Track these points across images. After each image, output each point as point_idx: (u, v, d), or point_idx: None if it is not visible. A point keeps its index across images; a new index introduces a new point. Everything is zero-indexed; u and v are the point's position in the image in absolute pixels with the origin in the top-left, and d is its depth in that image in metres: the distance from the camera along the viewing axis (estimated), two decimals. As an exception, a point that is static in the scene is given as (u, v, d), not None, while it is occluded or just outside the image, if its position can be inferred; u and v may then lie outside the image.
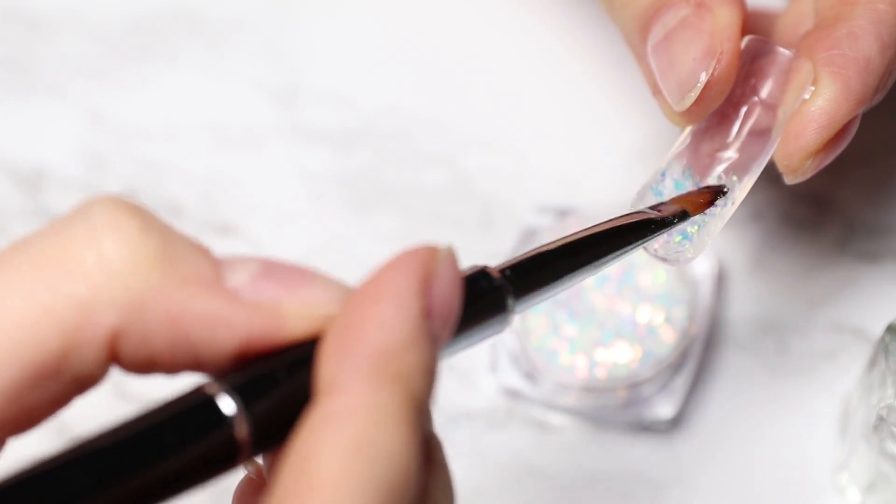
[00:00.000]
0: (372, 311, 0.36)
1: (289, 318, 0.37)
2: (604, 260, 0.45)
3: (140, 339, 0.36)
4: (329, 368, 0.36)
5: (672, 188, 0.51)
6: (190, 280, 0.36)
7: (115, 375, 0.37)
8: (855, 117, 0.51)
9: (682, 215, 0.49)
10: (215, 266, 0.37)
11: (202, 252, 0.38)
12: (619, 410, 0.60)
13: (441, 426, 0.60)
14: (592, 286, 0.61)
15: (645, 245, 0.50)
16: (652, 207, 0.49)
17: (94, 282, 0.36)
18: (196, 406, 0.36)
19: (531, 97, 0.67)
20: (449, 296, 0.38)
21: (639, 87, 0.66)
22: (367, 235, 0.64)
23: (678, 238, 0.50)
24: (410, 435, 0.35)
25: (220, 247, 0.65)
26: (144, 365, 0.37)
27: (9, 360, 0.35)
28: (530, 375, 0.60)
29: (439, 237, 0.64)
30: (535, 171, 0.66)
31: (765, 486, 0.59)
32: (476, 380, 0.62)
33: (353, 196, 0.65)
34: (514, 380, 0.60)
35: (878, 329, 0.57)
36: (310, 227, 0.65)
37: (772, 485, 0.59)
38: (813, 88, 0.50)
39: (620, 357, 0.60)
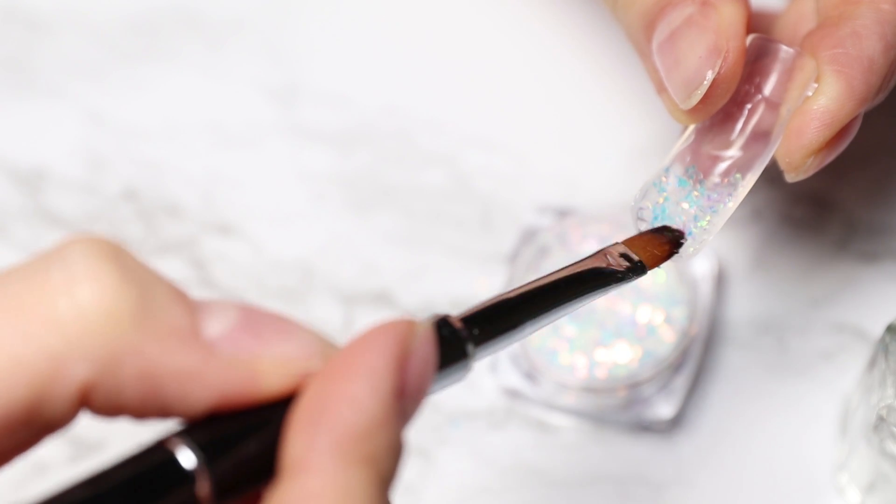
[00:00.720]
0: (344, 388, 0.36)
1: (264, 374, 0.36)
2: (562, 308, 0.45)
3: (111, 391, 0.35)
4: (298, 443, 0.36)
5: (675, 185, 0.51)
6: (166, 334, 0.36)
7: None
8: (857, 116, 0.51)
9: (640, 269, 0.48)
10: (193, 315, 0.36)
11: (180, 300, 0.36)
12: (619, 410, 0.60)
13: (441, 426, 0.61)
14: (592, 286, 0.61)
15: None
16: (606, 250, 0.48)
17: (68, 333, 0.35)
18: (158, 462, 0.35)
19: (531, 97, 0.67)
20: (422, 374, 0.37)
21: (639, 86, 0.66)
22: (367, 235, 0.64)
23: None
24: None
25: (221, 247, 0.66)
26: (114, 412, 0.36)
27: None
28: (530, 375, 0.60)
29: (439, 237, 0.64)
30: (535, 171, 0.66)
31: (765, 486, 0.59)
32: (476, 380, 0.62)
33: (353, 196, 0.65)
34: (514, 380, 0.60)
35: (878, 329, 0.57)
36: (310, 227, 0.65)
37: (772, 485, 0.59)
38: (816, 86, 0.50)
39: (620, 357, 0.60)
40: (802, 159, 0.51)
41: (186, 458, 0.35)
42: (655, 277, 0.61)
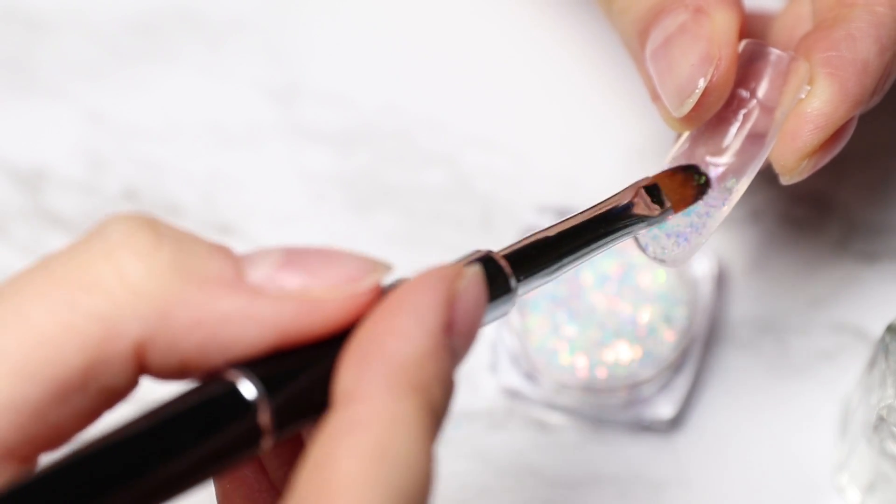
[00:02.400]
0: (393, 322, 0.37)
1: (317, 302, 0.37)
2: (596, 246, 0.47)
3: (168, 346, 0.36)
4: (349, 377, 0.36)
5: None
6: (209, 281, 0.37)
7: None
8: (852, 119, 0.51)
9: (667, 211, 0.50)
10: (235, 264, 0.38)
11: (220, 252, 0.38)
12: (619, 410, 0.60)
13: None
14: (593, 286, 0.61)
15: (642, 247, 0.50)
16: (641, 185, 0.50)
17: (115, 297, 0.36)
18: (220, 392, 0.36)
19: (531, 97, 0.67)
20: (471, 314, 0.38)
21: (638, 87, 0.66)
22: (367, 235, 0.64)
23: (673, 239, 0.51)
24: (427, 445, 0.36)
25: (220, 247, 0.65)
26: (177, 371, 0.37)
27: (31, 377, 0.35)
28: (530, 375, 0.60)
29: (439, 237, 0.64)
30: (535, 171, 0.66)
31: (765, 486, 0.59)
32: (476, 380, 0.62)
33: (353, 196, 0.65)
34: (515, 380, 0.60)
35: (878, 329, 0.57)
36: (310, 227, 0.65)
37: (772, 485, 0.59)
38: (808, 88, 0.50)
39: (620, 357, 0.60)
40: (797, 162, 0.51)
41: (247, 389, 0.36)
42: (655, 277, 0.61)
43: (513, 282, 0.42)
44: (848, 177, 0.64)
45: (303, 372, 0.37)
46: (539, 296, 0.61)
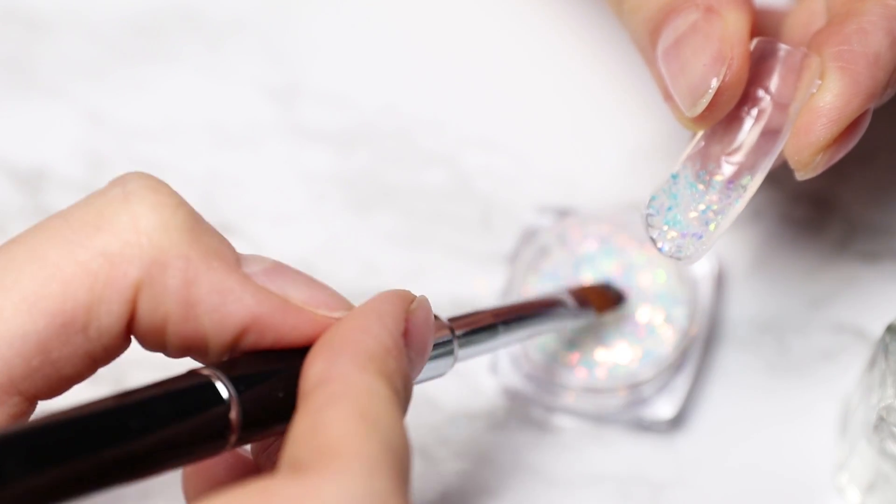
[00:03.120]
0: (359, 322, 0.40)
1: (294, 309, 0.40)
2: (527, 330, 0.54)
3: (156, 297, 0.39)
4: (319, 365, 0.39)
5: (686, 190, 0.51)
6: (212, 254, 0.39)
7: (116, 371, 0.38)
8: (866, 112, 0.51)
9: (590, 311, 0.58)
10: (235, 252, 0.40)
11: (225, 239, 0.41)
12: (619, 410, 0.60)
13: (441, 426, 0.61)
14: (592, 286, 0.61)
15: (658, 246, 0.51)
16: (569, 289, 0.58)
17: (124, 237, 0.38)
18: (197, 385, 0.38)
19: (531, 97, 0.67)
20: (423, 329, 0.42)
21: (639, 87, 0.66)
22: (367, 235, 0.64)
23: (688, 238, 0.51)
24: (399, 415, 0.39)
25: (220, 247, 0.65)
26: (156, 332, 0.39)
27: (40, 308, 0.38)
28: (530, 375, 0.60)
29: (439, 237, 0.64)
30: (535, 171, 0.66)
31: (765, 486, 0.59)
32: (476, 380, 0.61)
33: (353, 196, 0.65)
34: (515, 380, 0.60)
35: (878, 329, 0.57)
36: (310, 227, 0.65)
37: (772, 484, 0.59)
38: (820, 82, 0.50)
39: (620, 357, 0.60)
40: (811, 157, 0.51)
41: (222, 388, 0.38)
42: (655, 277, 0.61)
43: (454, 345, 0.46)
44: (848, 177, 0.64)
45: (270, 377, 0.39)
46: (539, 296, 0.61)
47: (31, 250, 0.39)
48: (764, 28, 0.55)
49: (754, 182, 0.51)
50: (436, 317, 0.45)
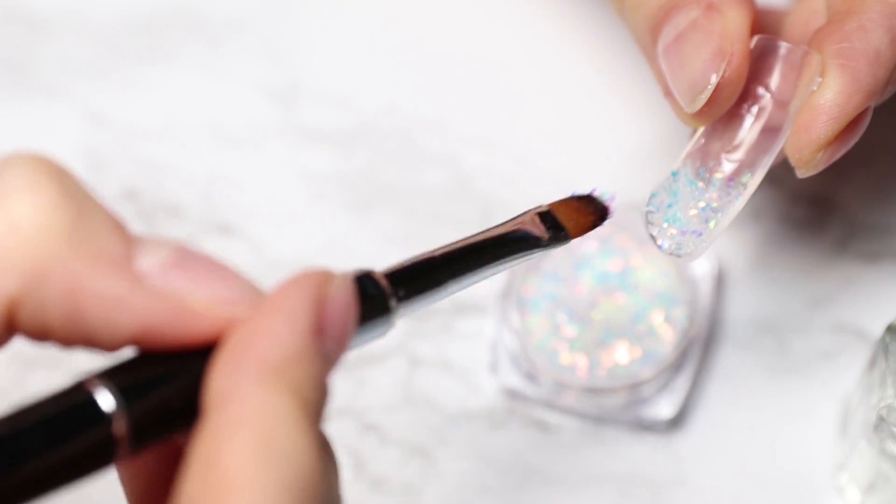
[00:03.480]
0: (264, 324, 0.37)
1: (191, 312, 0.37)
2: (484, 269, 0.46)
3: (36, 308, 0.36)
4: (222, 378, 0.36)
5: (686, 187, 0.51)
6: (97, 256, 0.36)
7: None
8: (866, 110, 0.51)
9: (564, 237, 0.49)
10: (127, 245, 0.37)
11: (116, 228, 0.37)
12: (619, 410, 0.60)
13: (441, 426, 0.61)
14: (593, 285, 0.61)
15: (658, 244, 0.50)
16: (536, 212, 0.49)
17: (0, 244, 0.36)
18: (75, 402, 0.36)
19: (531, 97, 0.67)
20: (341, 318, 0.38)
21: (639, 86, 0.66)
22: (367, 235, 0.64)
23: (688, 235, 0.51)
24: (308, 434, 0.35)
25: (220, 247, 0.65)
26: (41, 334, 0.37)
27: None
28: (530, 375, 0.60)
29: (439, 237, 0.64)
30: (535, 171, 0.66)
31: (765, 486, 0.59)
32: (476, 380, 0.62)
33: (353, 196, 0.65)
34: (515, 380, 0.60)
35: (878, 329, 0.57)
36: (310, 227, 0.65)
37: (772, 485, 0.59)
38: (820, 80, 0.50)
39: (620, 357, 0.60)
40: (812, 154, 0.51)
41: (105, 398, 0.36)
42: (655, 277, 0.61)
43: (392, 302, 0.41)
44: (848, 177, 0.64)
45: (166, 383, 0.37)
46: (539, 296, 0.61)
47: None
48: (765, 27, 0.55)
49: (754, 180, 0.51)
50: (368, 274, 0.41)
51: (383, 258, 0.64)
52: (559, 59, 0.68)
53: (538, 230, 0.48)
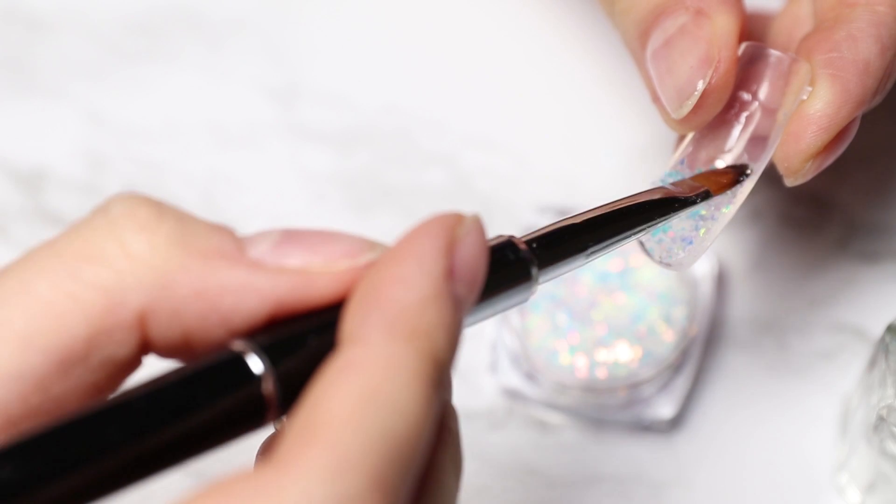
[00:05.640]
0: (394, 269, 0.37)
1: (315, 276, 0.38)
2: (626, 234, 0.46)
3: (170, 316, 0.37)
4: (351, 323, 0.37)
5: None
6: (210, 254, 0.38)
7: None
8: (855, 119, 0.51)
9: (705, 195, 0.50)
10: (236, 241, 0.39)
11: (222, 230, 0.39)
12: (619, 410, 0.60)
13: (441, 426, 0.60)
14: (593, 286, 0.61)
15: (647, 252, 0.50)
16: (674, 184, 0.50)
17: (117, 268, 0.37)
18: (226, 363, 0.37)
19: (531, 97, 0.67)
20: (473, 259, 0.39)
21: (639, 87, 0.66)
22: (367, 235, 0.64)
23: (678, 243, 0.51)
24: (424, 391, 0.36)
25: (220, 247, 0.65)
26: (179, 344, 0.38)
27: (35, 347, 0.36)
28: (530, 375, 0.60)
29: (439, 237, 0.64)
30: (535, 171, 0.66)
31: (765, 486, 0.59)
32: (476, 380, 0.62)
33: (353, 196, 0.65)
34: (515, 380, 0.60)
35: (878, 329, 0.57)
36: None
37: (772, 485, 0.59)
38: (810, 89, 0.50)
39: (620, 357, 0.60)
40: (801, 164, 0.51)
41: (253, 361, 0.37)
42: (655, 277, 0.61)
43: (534, 270, 0.41)
44: (848, 177, 0.64)
45: (306, 343, 0.38)
46: (539, 296, 0.61)
47: (21, 284, 0.37)
48: (751, 32, 0.55)
49: (744, 188, 0.51)
50: (511, 240, 0.41)
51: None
52: (559, 60, 0.68)
53: (678, 192, 0.49)
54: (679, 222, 0.50)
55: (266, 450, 0.40)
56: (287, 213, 0.65)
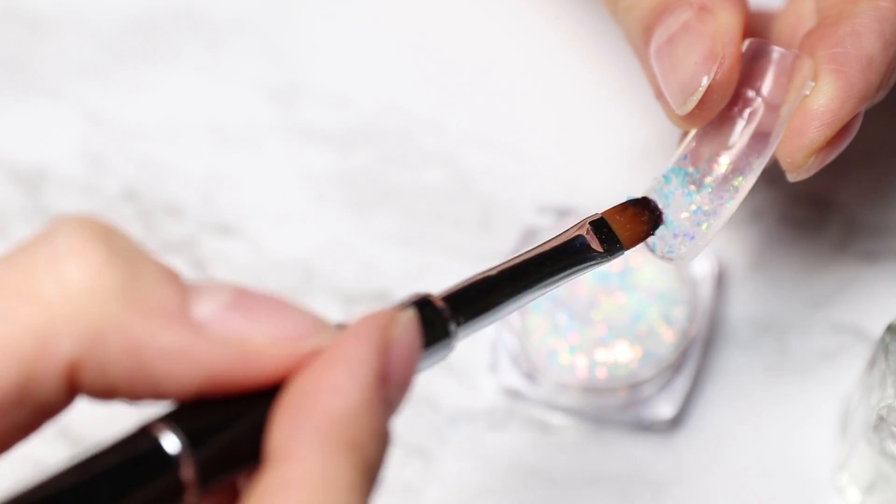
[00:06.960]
0: (326, 376, 0.36)
1: (255, 354, 0.36)
2: (541, 287, 0.45)
3: (99, 369, 0.35)
4: (282, 432, 0.36)
5: (677, 191, 0.51)
6: (153, 311, 0.36)
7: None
8: (857, 114, 0.51)
9: (618, 249, 0.48)
10: (183, 295, 0.36)
11: (170, 280, 0.36)
12: (619, 410, 0.60)
13: (441, 426, 0.61)
14: (593, 285, 0.61)
15: (650, 247, 0.50)
16: (589, 220, 0.49)
17: (53, 311, 0.35)
18: (142, 448, 0.35)
19: (531, 97, 0.67)
20: (406, 362, 0.37)
21: (639, 87, 0.66)
22: (367, 235, 0.64)
23: (680, 238, 0.51)
24: (359, 501, 0.35)
25: (220, 247, 0.66)
26: (106, 393, 0.36)
27: None
28: (530, 375, 0.60)
29: (439, 237, 0.64)
30: (535, 171, 0.66)
31: (765, 486, 0.59)
32: (476, 380, 0.62)
33: (353, 196, 0.65)
34: (515, 380, 0.60)
35: (878, 329, 0.57)
36: (310, 227, 0.65)
37: (772, 485, 0.59)
38: (813, 85, 0.50)
39: (620, 357, 0.60)
40: (804, 159, 0.51)
41: (171, 443, 0.35)
42: (655, 277, 0.61)
43: (451, 326, 0.40)
44: (848, 177, 0.64)
45: (231, 425, 0.36)
46: (539, 296, 0.61)
47: None
48: (753, 29, 0.55)
49: (746, 183, 0.51)
50: (427, 299, 0.40)
51: (383, 258, 0.64)
52: (558, 60, 0.68)
53: (593, 242, 0.48)
54: (679, 218, 0.51)
55: None
56: (287, 213, 0.65)
